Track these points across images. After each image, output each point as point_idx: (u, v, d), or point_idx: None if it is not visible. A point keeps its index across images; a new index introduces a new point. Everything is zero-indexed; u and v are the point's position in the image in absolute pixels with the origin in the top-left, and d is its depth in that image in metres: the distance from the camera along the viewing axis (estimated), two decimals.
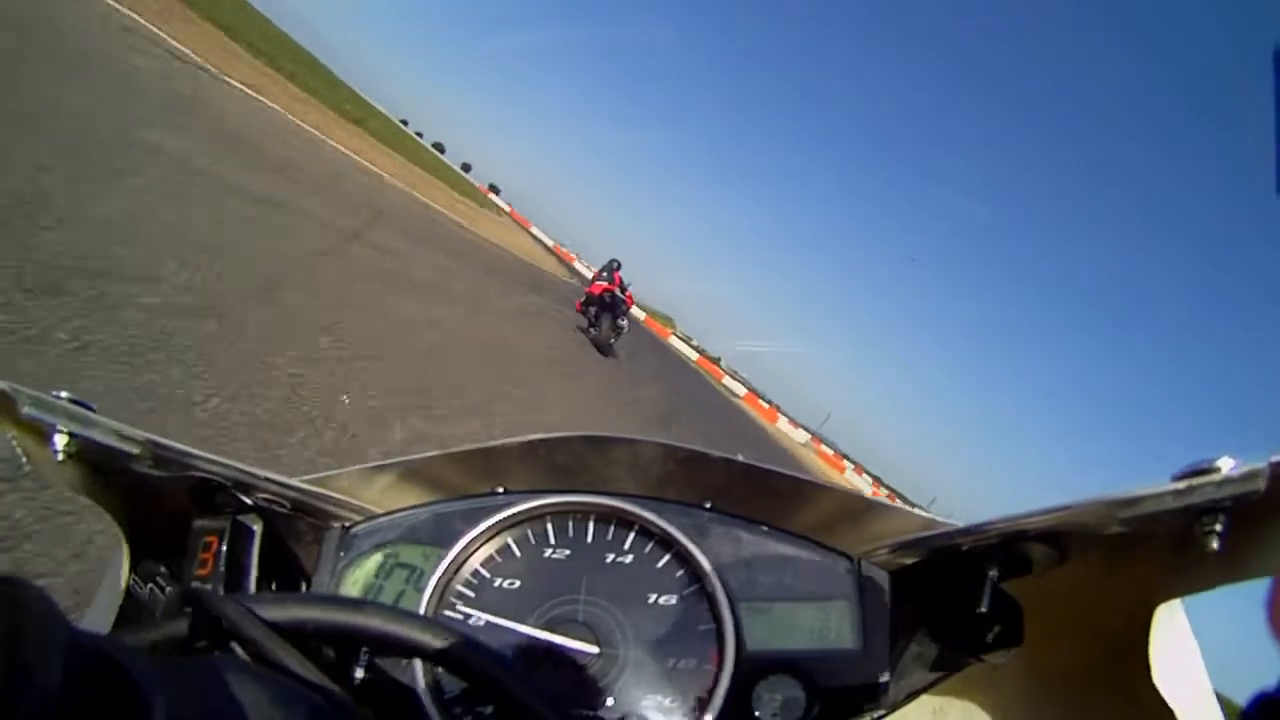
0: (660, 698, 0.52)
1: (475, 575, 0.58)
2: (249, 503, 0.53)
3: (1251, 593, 0.30)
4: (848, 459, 30.99)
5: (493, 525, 0.59)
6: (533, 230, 34.52)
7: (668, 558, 0.58)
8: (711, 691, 0.51)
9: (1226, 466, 0.34)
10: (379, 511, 0.62)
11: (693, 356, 28.78)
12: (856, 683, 0.52)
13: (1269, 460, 0.33)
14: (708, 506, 0.60)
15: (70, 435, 0.44)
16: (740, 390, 28.04)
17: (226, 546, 0.50)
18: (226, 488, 0.51)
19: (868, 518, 0.57)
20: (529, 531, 0.60)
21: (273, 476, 0.53)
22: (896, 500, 0.59)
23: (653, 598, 0.56)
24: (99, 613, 0.54)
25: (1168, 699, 0.41)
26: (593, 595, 0.56)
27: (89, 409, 0.46)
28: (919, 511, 0.56)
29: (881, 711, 0.52)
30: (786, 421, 28.49)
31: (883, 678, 0.52)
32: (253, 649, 0.38)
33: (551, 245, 32.27)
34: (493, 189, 45.13)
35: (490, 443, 0.61)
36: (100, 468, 0.49)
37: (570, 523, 0.60)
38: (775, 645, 0.54)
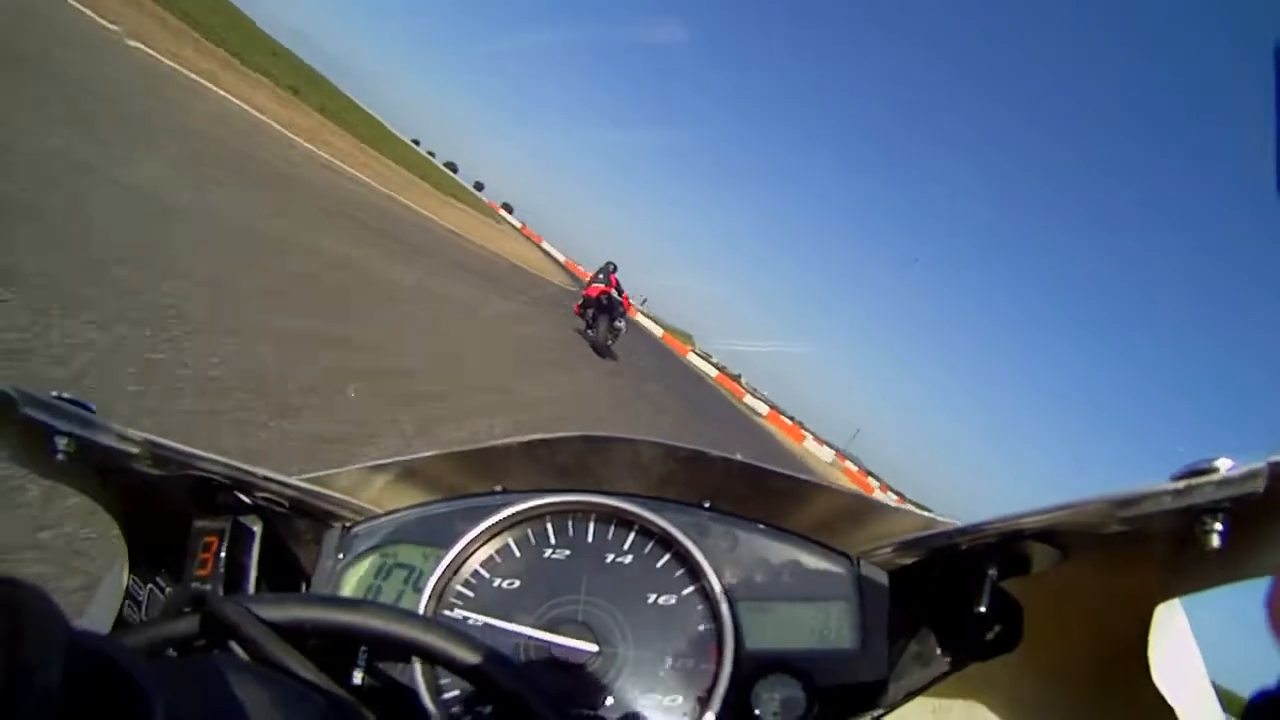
0: (660, 697, 0.52)
1: (475, 575, 0.58)
2: (249, 502, 0.53)
3: (1251, 592, 0.30)
4: (872, 475, 30.67)
5: (492, 525, 0.58)
6: (543, 245, 36.40)
7: (667, 557, 0.58)
8: (711, 691, 0.51)
9: (1226, 466, 0.34)
10: (378, 511, 0.62)
11: (711, 373, 28.63)
12: (856, 682, 0.52)
13: (1268, 460, 0.33)
14: (707, 506, 0.60)
15: (70, 435, 0.44)
16: (763, 409, 27.70)
17: (226, 547, 0.50)
18: (226, 487, 0.51)
19: (867, 517, 0.57)
20: (529, 531, 0.60)
21: (272, 475, 0.53)
22: (904, 503, 0.59)
23: (652, 597, 0.56)
24: (99, 613, 0.54)
25: (1168, 698, 0.41)
26: (592, 595, 0.56)
27: (89, 409, 0.46)
28: (918, 511, 0.56)
29: (881, 711, 0.52)
30: (813, 439, 27.86)
31: (882, 677, 0.52)
32: (252, 649, 0.38)
33: (563, 261, 33.02)
34: (506, 207, 46.63)
35: (490, 442, 0.61)
36: (100, 468, 0.48)
37: (570, 522, 0.60)
38: (775, 644, 0.54)
